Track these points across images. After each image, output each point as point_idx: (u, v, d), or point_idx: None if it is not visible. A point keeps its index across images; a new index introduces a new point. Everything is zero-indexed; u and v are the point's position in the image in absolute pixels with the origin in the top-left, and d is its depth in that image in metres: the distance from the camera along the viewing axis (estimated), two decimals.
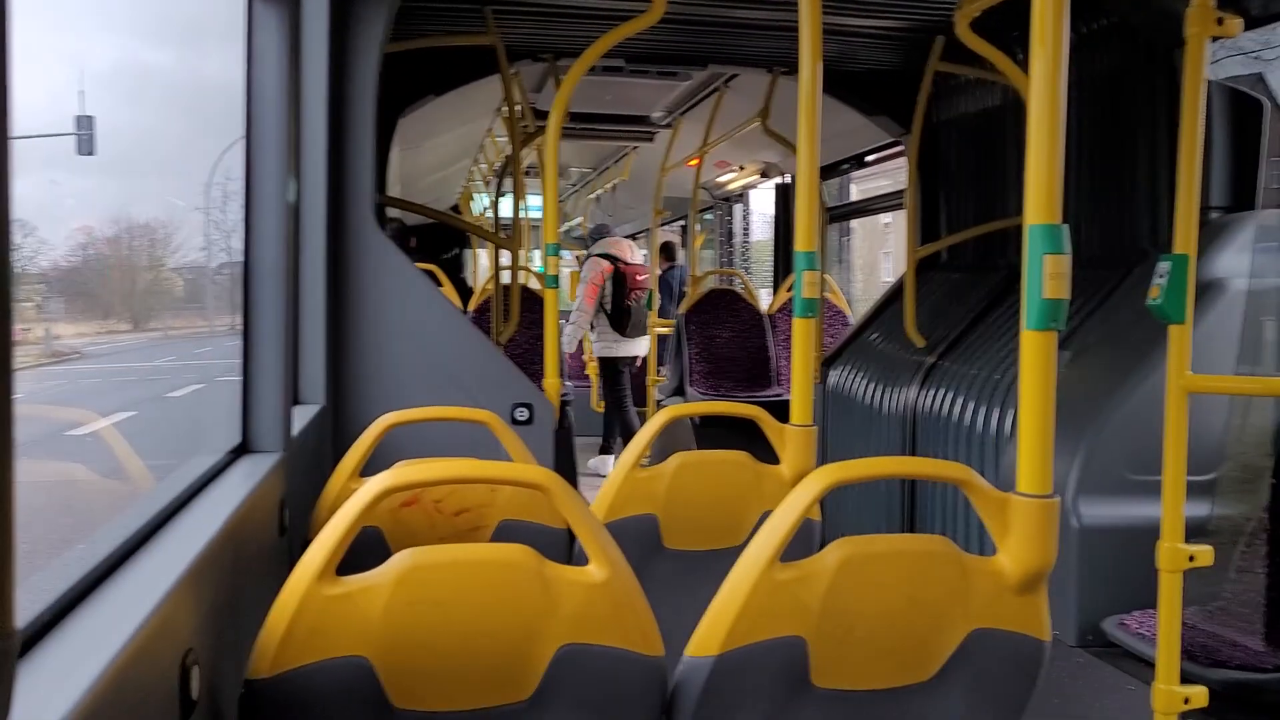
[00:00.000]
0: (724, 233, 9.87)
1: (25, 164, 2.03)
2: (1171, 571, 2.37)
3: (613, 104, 6.56)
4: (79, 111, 1.82)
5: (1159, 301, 2.42)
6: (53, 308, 3.22)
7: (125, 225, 3.24)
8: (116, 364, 4.24)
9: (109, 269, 3.40)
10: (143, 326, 4.06)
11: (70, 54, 2.60)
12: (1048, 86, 1.54)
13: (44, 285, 3.03)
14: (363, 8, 3.13)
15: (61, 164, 2.65)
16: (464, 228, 10.33)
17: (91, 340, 3.37)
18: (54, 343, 3.08)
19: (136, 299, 3.88)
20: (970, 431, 3.84)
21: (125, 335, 3.73)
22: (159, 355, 5.04)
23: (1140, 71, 3.72)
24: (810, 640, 1.53)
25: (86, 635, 1.12)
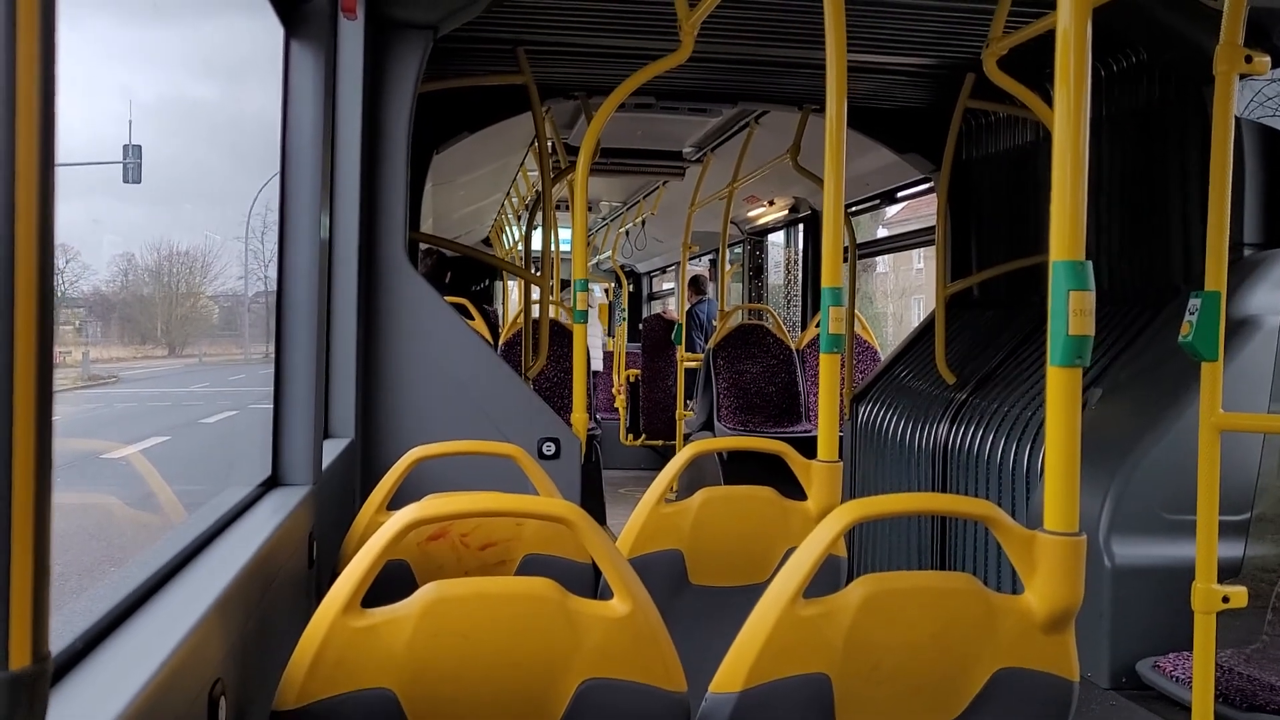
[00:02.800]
0: (753, 267, 9.90)
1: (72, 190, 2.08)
2: (1205, 613, 2.33)
3: (644, 139, 6.62)
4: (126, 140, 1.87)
5: (1190, 338, 2.40)
6: (91, 332, 3.28)
7: (166, 253, 3.30)
8: (152, 389, 4.27)
9: (148, 295, 3.46)
10: (178, 353, 4.10)
11: (119, 86, 2.67)
12: (1072, 123, 1.55)
13: (84, 310, 3.09)
14: (397, 49, 3.20)
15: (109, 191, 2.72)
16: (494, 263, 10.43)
17: (128, 365, 3.42)
18: (91, 366, 3.11)
19: (174, 325, 3.94)
20: (1002, 469, 3.81)
21: (160, 361, 3.78)
22: (193, 381, 5.08)
23: (1171, 108, 3.71)
24: (835, 678, 1.52)
25: (117, 664, 1.14)
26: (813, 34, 4.03)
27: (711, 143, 6.74)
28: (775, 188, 7.76)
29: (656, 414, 9.20)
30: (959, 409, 4.26)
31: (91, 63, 2.31)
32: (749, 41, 4.22)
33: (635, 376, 9.48)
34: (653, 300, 14.41)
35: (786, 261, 9.39)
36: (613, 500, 7.07)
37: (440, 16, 3.24)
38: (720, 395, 7.19)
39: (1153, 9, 3.36)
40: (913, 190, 6.70)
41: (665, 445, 9.21)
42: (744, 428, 7.05)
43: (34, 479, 0.61)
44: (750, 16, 3.89)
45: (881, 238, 7.70)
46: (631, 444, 9.51)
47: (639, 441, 9.29)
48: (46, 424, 0.63)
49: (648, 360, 9.35)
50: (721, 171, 7.00)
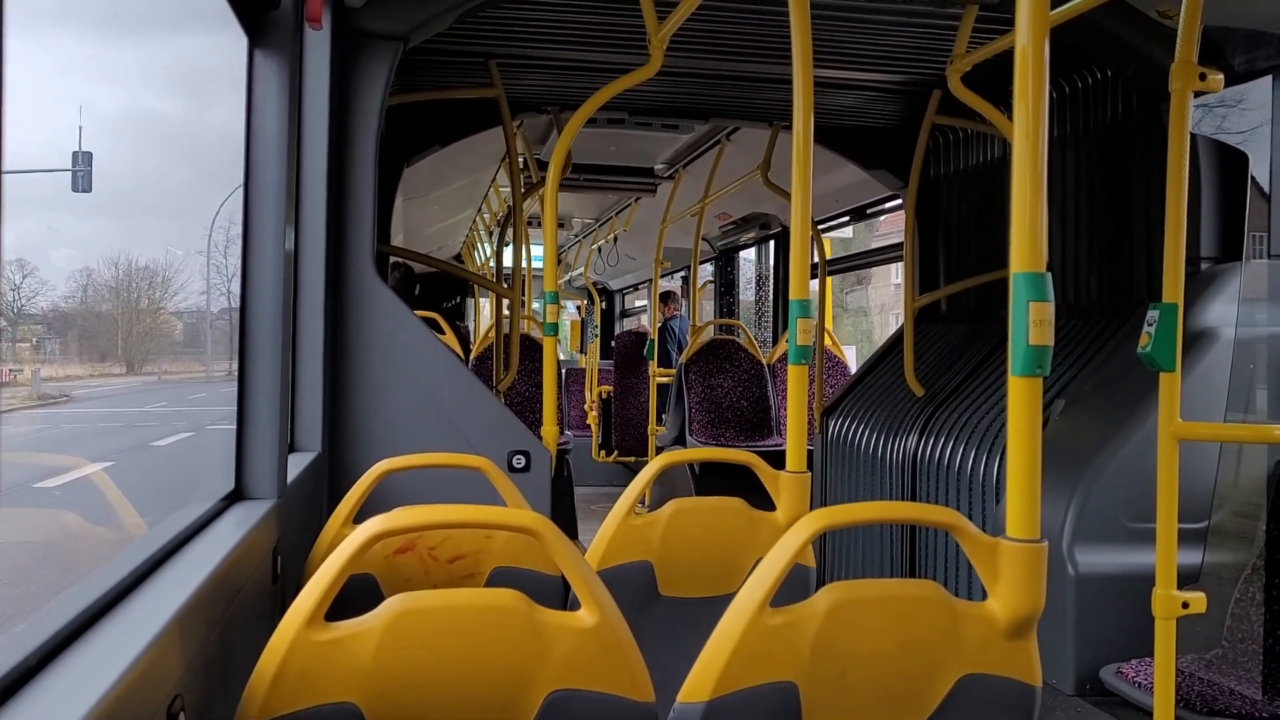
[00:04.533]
0: (724, 284, 9.95)
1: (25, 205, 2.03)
2: (1166, 619, 2.37)
3: (616, 155, 6.64)
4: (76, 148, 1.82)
5: (1149, 349, 2.45)
6: (49, 349, 3.20)
7: (125, 268, 3.24)
8: (105, 408, 4.04)
9: (105, 311, 3.37)
10: (137, 370, 3.92)
11: (79, 99, 2.64)
12: (1031, 136, 1.58)
13: (42, 326, 3.02)
14: (365, 60, 3.19)
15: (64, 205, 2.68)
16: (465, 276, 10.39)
17: (84, 383, 3.29)
18: (42, 385, 3.00)
19: (133, 342, 3.80)
20: (971, 479, 3.84)
21: (118, 379, 3.65)
22: (151, 400, 4.80)
23: (1132, 125, 3.78)
24: (802, 685, 1.52)
25: (73, 679, 1.12)
26: (781, 49, 4.07)
27: (683, 159, 6.77)
28: (747, 204, 7.81)
29: (629, 430, 9.21)
30: (928, 421, 4.29)
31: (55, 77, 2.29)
32: (718, 56, 4.25)
33: (607, 393, 9.48)
34: (625, 317, 14.42)
35: (757, 278, 9.45)
36: (585, 516, 7.06)
37: (409, 28, 3.23)
38: (692, 409, 7.22)
39: (1111, 28, 3.42)
40: (882, 207, 6.77)
41: (637, 461, 9.22)
42: (716, 441, 7.08)
43: None
44: (719, 31, 3.92)
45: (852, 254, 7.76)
46: (604, 460, 9.50)
47: (611, 458, 9.30)
48: None
49: (620, 377, 9.37)
50: (693, 188, 7.03)
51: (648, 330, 9.98)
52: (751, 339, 7.72)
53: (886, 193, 6.21)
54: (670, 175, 7.14)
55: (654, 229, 8.29)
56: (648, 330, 9.98)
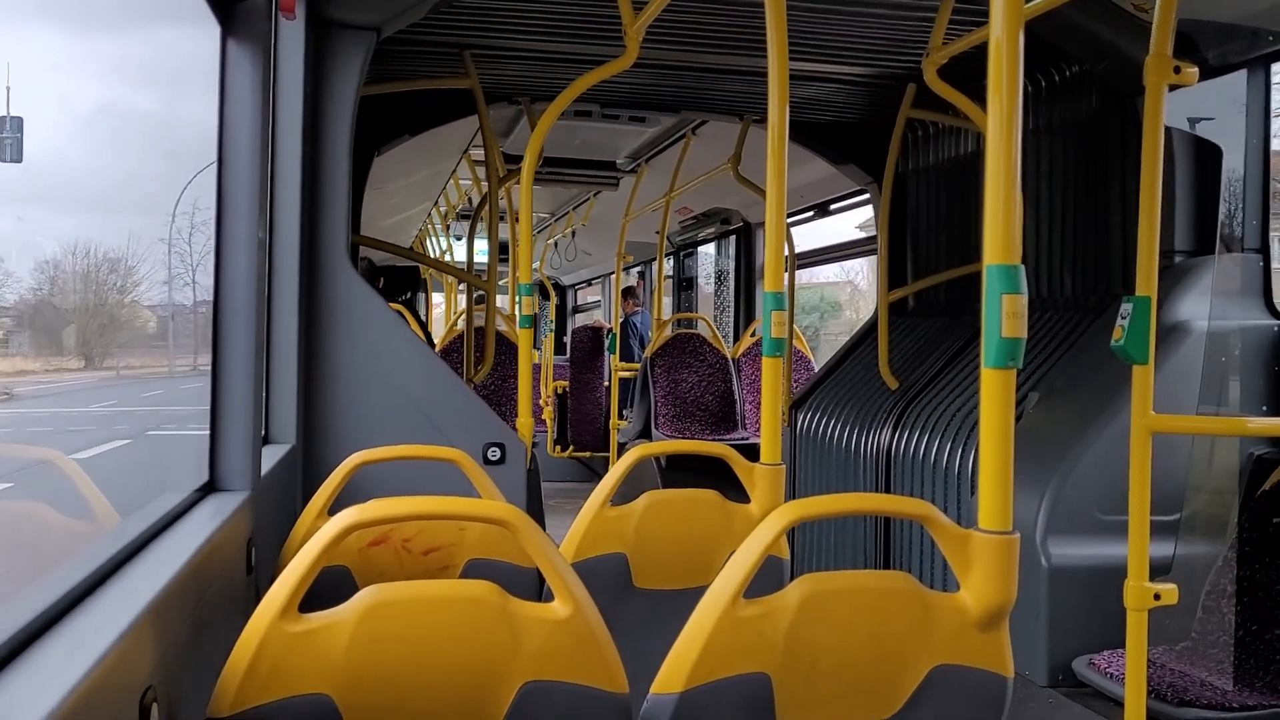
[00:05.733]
0: (684, 278, 9.95)
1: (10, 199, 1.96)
2: (1138, 610, 2.39)
3: (580, 149, 6.62)
4: (4, 112, 1.73)
5: (1122, 342, 2.46)
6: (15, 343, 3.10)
7: (92, 260, 3.16)
8: (44, 409, 3.63)
9: (69, 303, 3.25)
10: (97, 365, 3.67)
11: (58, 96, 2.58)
12: (1004, 129, 1.58)
13: (10, 320, 2.94)
14: (339, 50, 3.17)
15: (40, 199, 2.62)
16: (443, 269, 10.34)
17: (37, 378, 3.12)
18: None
19: (91, 335, 3.62)
20: (945, 472, 3.87)
21: (75, 374, 3.46)
22: (100, 398, 4.33)
23: (1109, 118, 3.80)
24: (775, 677, 1.53)
25: (43, 670, 1.11)
26: (755, 42, 4.07)
27: (646, 153, 6.77)
28: (709, 198, 7.81)
29: (584, 426, 9.20)
30: (901, 414, 4.31)
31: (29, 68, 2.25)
32: (692, 48, 4.25)
33: (563, 389, 9.46)
34: (577, 313, 14.43)
35: (719, 273, 9.46)
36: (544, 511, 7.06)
37: (383, 18, 3.21)
38: (658, 403, 7.22)
39: (1086, 21, 3.44)
40: (847, 202, 6.80)
41: (593, 457, 9.21)
42: (681, 435, 7.10)
43: None
44: (694, 22, 3.91)
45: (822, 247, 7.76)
46: (559, 455, 9.49)
47: (567, 453, 9.29)
48: None
49: (576, 372, 9.34)
50: (655, 182, 7.03)
51: (604, 325, 9.97)
52: (716, 333, 7.73)
53: (848, 188, 6.24)
54: (633, 169, 7.13)
55: (610, 223, 8.27)
56: (604, 325, 9.97)
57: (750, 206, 7.73)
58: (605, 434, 8.72)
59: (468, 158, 6.65)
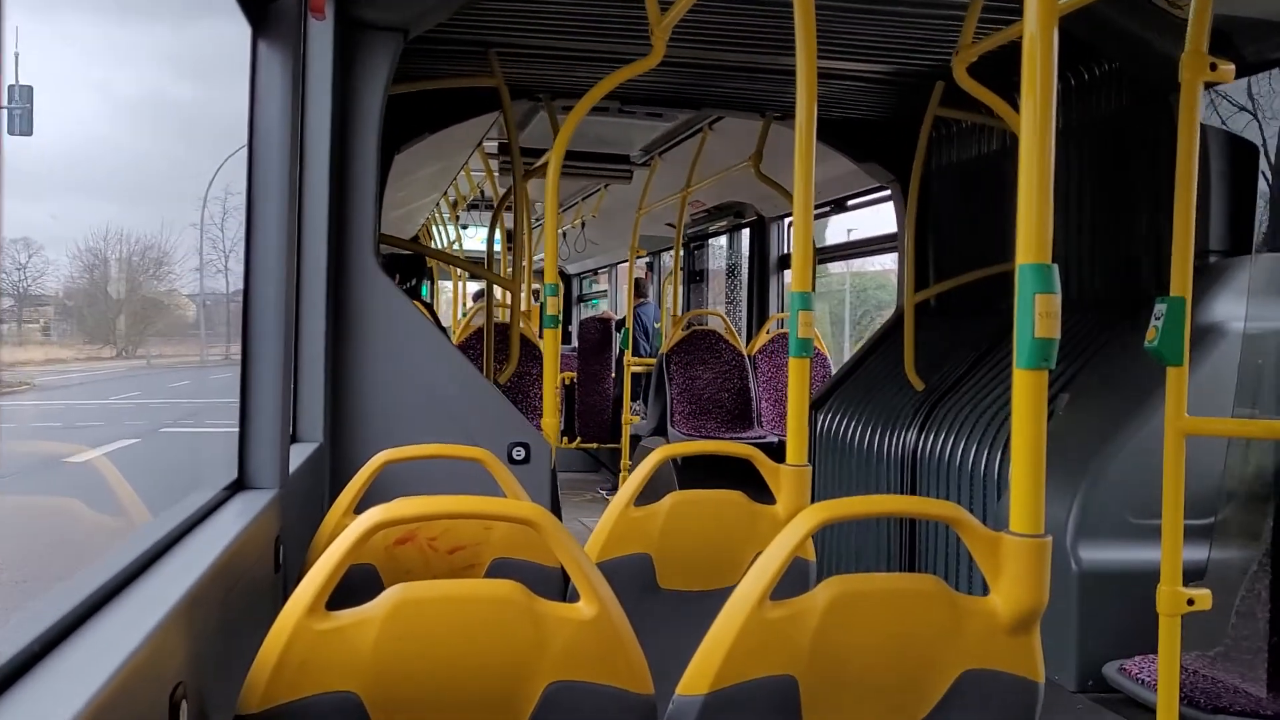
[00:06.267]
0: (695, 271, 9.90)
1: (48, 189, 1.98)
2: (1171, 615, 2.35)
3: (593, 142, 6.62)
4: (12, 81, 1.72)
5: (1155, 343, 2.43)
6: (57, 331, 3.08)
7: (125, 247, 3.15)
8: (61, 401, 3.43)
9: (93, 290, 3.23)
10: (130, 354, 3.58)
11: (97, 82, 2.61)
12: (1038, 127, 1.56)
13: (52, 308, 2.94)
14: (367, 50, 3.18)
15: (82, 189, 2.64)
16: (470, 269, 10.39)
17: (65, 367, 3.07)
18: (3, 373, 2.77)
19: (125, 323, 3.58)
20: (973, 474, 3.83)
21: (107, 363, 3.40)
22: (124, 389, 4.09)
23: (1141, 116, 3.76)
24: (801, 679, 1.52)
25: (75, 666, 1.12)
26: (779, 40, 4.05)
27: (661, 146, 6.75)
28: (722, 192, 7.78)
29: (591, 417, 9.16)
30: (927, 415, 4.28)
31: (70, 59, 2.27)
32: (718, 47, 4.24)
33: (570, 379, 9.45)
34: (581, 302, 14.45)
35: (730, 266, 9.41)
36: None
37: (410, 19, 3.22)
38: (674, 400, 7.18)
39: (1120, 18, 3.40)
40: (865, 199, 6.77)
41: (600, 448, 9.19)
42: (698, 433, 7.05)
43: None
44: (720, 22, 3.90)
45: (840, 243, 7.72)
46: (565, 446, 9.48)
47: (574, 444, 9.27)
48: None
49: (583, 363, 9.27)
50: (668, 175, 7.01)
51: (611, 316, 9.95)
52: (732, 329, 7.69)
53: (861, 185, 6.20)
54: (646, 162, 7.12)
55: (618, 215, 8.22)
56: (611, 316, 9.95)
57: (765, 200, 7.70)
58: (613, 426, 8.70)
59: (481, 150, 6.67)
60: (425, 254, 9.01)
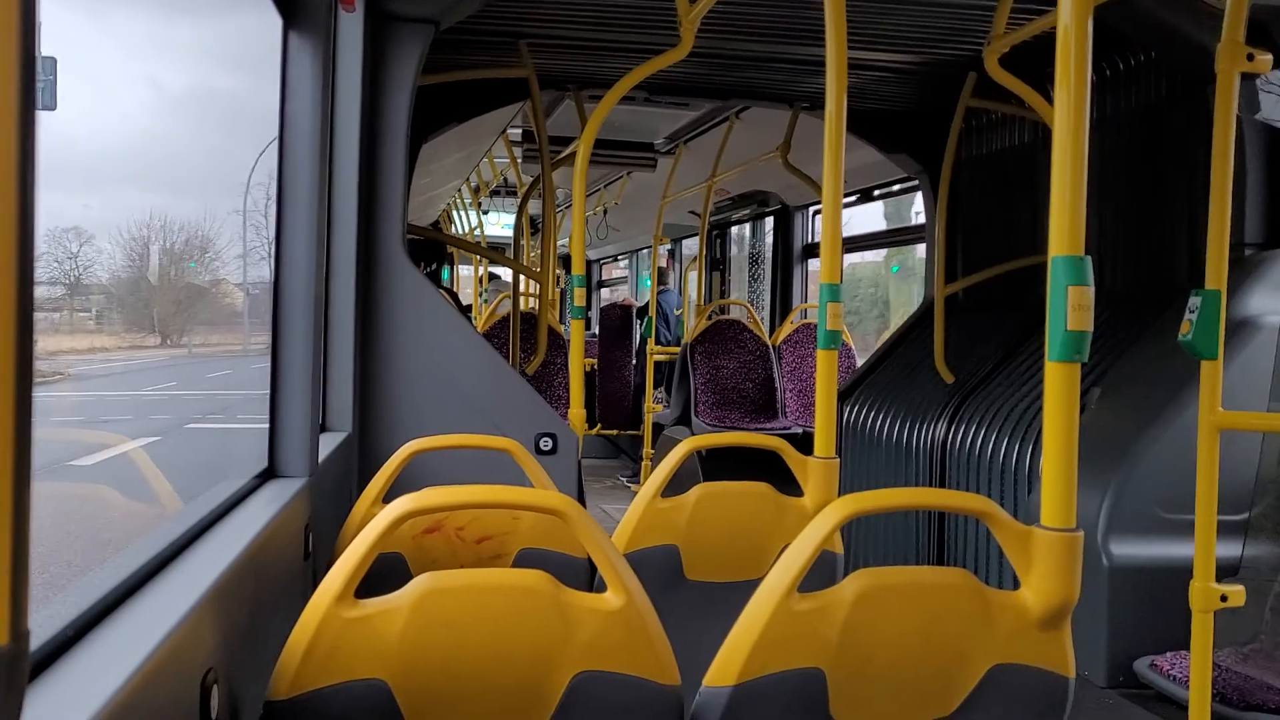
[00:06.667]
0: (718, 259, 9.87)
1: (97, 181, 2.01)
2: (1203, 612, 2.33)
3: (618, 130, 6.62)
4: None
5: (1190, 337, 2.40)
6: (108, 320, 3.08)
7: (169, 235, 3.17)
8: (94, 391, 3.31)
9: (149, 282, 3.24)
10: (174, 342, 3.54)
11: (145, 76, 2.64)
12: (1072, 118, 1.54)
13: (102, 297, 2.98)
14: (397, 42, 3.19)
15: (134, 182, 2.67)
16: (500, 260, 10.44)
17: (108, 356, 3.05)
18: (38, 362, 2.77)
19: (167, 312, 3.56)
20: (1003, 467, 3.80)
21: (150, 351, 3.38)
22: (160, 379, 3.99)
23: (1175, 107, 3.71)
24: (829, 672, 1.51)
25: (108, 650, 1.13)
26: (811, 31, 4.02)
27: (685, 135, 6.73)
28: (746, 180, 7.75)
29: (612, 403, 9.14)
30: (957, 408, 4.25)
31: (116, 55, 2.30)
32: (746, 38, 4.22)
33: (591, 365, 9.44)
34: (601, 288, 14.49)
35: (753, 254, 9.37)
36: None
37: (440, 10, 3.23)
38: (698, 390, 7.16)
39: (1154, 8, 3.35)
40: (891, 189, 6.72)
41: (620, 435, 9.17)
42: (722, 423, 7.03)
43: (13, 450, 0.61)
44: (749, 13, 3.88)
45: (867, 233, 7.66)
46: (586, 433, 9.45)
47: (594, 430, 9.26)
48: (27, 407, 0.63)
49: (604, 350, 9.24)
50: (692, 163, 6.98)
51: (632, 303, 9.93)
52: (756, 319, 7.64)
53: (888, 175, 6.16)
54: (670, 150, 7.10)
55: (639, 202, 8.17)
56: (632, 303, 9.93)
57: (789, 189, 7.66)
58: (633, 412, 8.67)
59: (504, 137, 6.69)
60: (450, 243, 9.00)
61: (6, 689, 0.62)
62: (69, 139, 2.23)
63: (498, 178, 8.93)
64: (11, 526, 0.61)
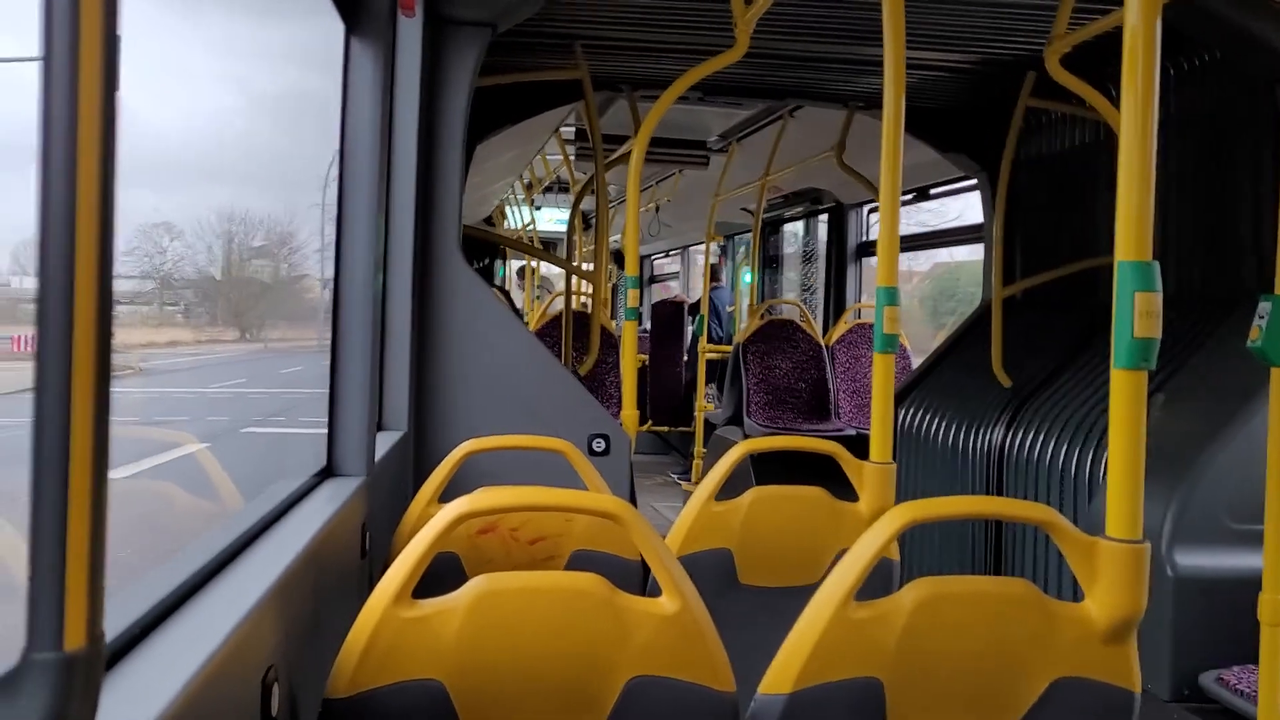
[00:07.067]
0: (771, 257, 9.79)
1: (183, 180, 2.03)
2: (1273, 625, 2.26)
3: (670, 129, 6.61)
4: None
5: (1259, 343, 2.34)
6: (196, 314, 3.10)
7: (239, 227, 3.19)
8: (160, 387, 3.30)
9: (230, 275, 3.26)
10: (252, 336, 3.55)
11: (235, 77, 2.69)
12: (1139, 121, 1.51)
13: (191, 291, 3.00)
14: (454, 46, 3.22)
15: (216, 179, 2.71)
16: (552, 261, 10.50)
17: (184, 350, 3.06)
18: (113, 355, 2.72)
19: (244, 306, 3.58)
20: (1063, 475, 3.73)
21: (227, 346, 3.40)
22: (230, 375, 3.92)
23: (1243, 107, 3.61)
24: (887, 682, 1.50)
25: (173, 648, 1.15)
26: (867, 30, 3.98)
27: (738, 133, 6.69)
28: (799, 178, 7.69)
29: (663, 399, 9.11)
30: (1015, 413, 4.18)
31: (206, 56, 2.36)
32: (801, 38, 4.19)
33: (642, 362, 9.43)
34: (653, 283, 14.50)
35: (806, 252, 9.29)
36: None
37: (498, 14, 3.25)
38: (750, 390, 7.12)
39: (1222, 8, 3.26)
40: (950, 188, 6.63)
41: (671, 432, 9.14)
42: (774, 425, 6.97)
43: (91, 456, 0.62)
44: (804, 14, 3.85)
45: (921, 233, 7.53)
46: (638, 430, 9.43)
47: (645, 427, 9.25)
48: (105, 405, 0.64)
49: (655, 346, 9.20)
50: (744, 161, 6.94)
51: (683, 299, 9.90)
52: (810, 319, 7.57)
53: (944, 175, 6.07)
54: (723, 148, 7.07)
55: (691, 198, 8.12)
56: (683, 299, 9.90)
57: (843, 186, 7.59)
58: (684, 409, 8.64)
59: (558, 135, 6.71)
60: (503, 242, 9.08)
61: (84, 690, 0.63)
62: (161, 135, 2.31)
63: (550, 175, 8.98)
64: (89, 531, 0.62)
